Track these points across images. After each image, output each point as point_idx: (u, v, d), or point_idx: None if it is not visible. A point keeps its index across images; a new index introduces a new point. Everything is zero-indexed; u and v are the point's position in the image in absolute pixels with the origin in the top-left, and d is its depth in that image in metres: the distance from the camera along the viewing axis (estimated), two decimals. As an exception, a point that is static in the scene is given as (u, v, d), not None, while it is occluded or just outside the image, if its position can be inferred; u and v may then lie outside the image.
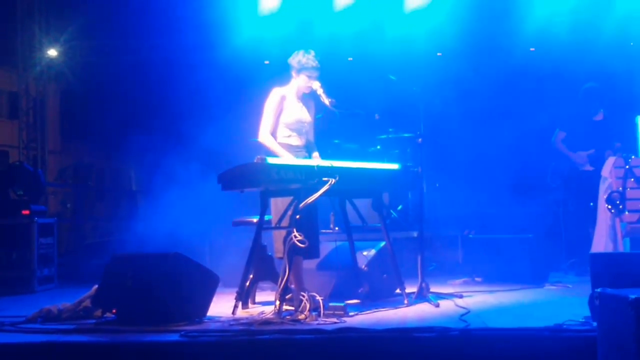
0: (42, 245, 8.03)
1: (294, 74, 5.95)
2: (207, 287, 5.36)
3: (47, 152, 11.64)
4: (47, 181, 10.11)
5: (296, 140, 5.98)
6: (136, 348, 4.38)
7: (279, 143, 5.89)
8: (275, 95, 5.93)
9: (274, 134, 5.92)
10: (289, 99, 5.96)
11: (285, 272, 5.31)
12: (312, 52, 5.95)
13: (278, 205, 5.77)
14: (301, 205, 5.32)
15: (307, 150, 6.09)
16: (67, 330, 4.92)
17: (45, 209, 8.79)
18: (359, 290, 6.10)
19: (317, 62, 5.93)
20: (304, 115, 6.01)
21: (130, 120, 10.21)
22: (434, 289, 6.46)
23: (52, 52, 11.24)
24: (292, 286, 5.60)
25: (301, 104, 6.02)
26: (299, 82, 5.94)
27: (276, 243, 5.91)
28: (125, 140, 9.93)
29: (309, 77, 5.90)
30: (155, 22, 10.53)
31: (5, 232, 7.93)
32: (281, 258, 5.80)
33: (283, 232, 5.64)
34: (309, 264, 6.00)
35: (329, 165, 5.48)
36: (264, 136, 5.87)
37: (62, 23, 11.17)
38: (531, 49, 10.30)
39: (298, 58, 5.94)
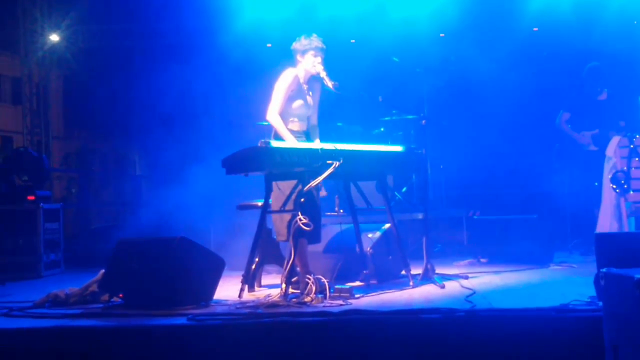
0: (48, 230, 8.06)
1: (299, 57, 5.89)
2: (213, 271, 5.38)
3: (51, 138, 11.65)
4: (51, 166, 10.12)
5: (297, 126, 5.93)
6: (144, 332, 4.41)
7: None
8: (289, 74, 5.85)
9: (282, 113, 5.87)
10: (300, 82, 5.92)
11: (290, 255, 5.33)
12: (314, 35, 5.92)
13: (280, 188, 5.76)
14: (305, 188, 5.32)
15: (307, 135, 6.04)
16: (74, 314, 4.95)
17: (50, 194, 8.82)
18: (365, 272, 6.12)
19: (320, 42, 5.89)
20: (309, 100, 5.98)
21: (132, 105, 10.21)
22: (439, 270, 6.48)
23: (54, 38, 11.23)
24: (298, 269, 5.62)
25: (307, 89, 5.98)
26: (305, 65, 5.89)
27: (276, 226, 5.90)
28: (128, 125, 9.94)
29: (315, 55, 5.85)
30: (156, 6, 10.50)
31: (11, 217, 7.95)
32: (282, 240, 5.81)
33: (282, 215, 5.64)
34: (315, 247, 6.01)
35: (333, 148, 5.48)
36: (272, 115, 5.82)
37: (63, 8, 11.15)
38: (534, 29, 10.25)
39: (301, 42, 5.90)
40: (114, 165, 12.27)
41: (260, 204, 5.95)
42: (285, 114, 5.89)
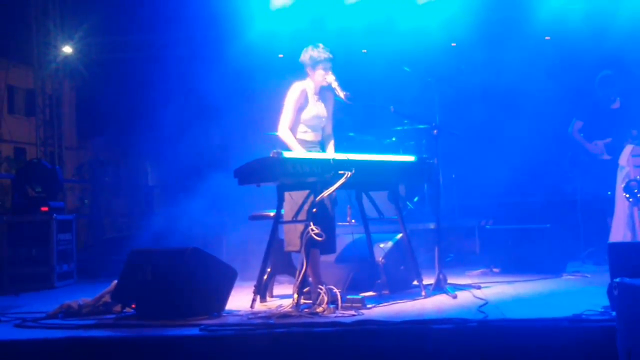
0: (61, 241, 8.10)
1: (309, 70, 5.92)
2: (225, 281, 5.39)
3: (64, 149, 11.71)
4: (64, 177, 10.17)
5: (311, 136, 5.96)
6: (156, 342, 4.41)
7: (295, 138, 5.88)
8: (296, 89, 5.90)
9: (292, 129, 5.90)
10: (309, 94, 5.94)
11: (303, 265, 5.33)
12: (321, 45, 5.93)
13: (292, 198, 5.77)
14: (317, 198, 5.33)
15: (321, 145, 6.07)
16: (87, 325, 4.97)
17: (64, 205, 8.86)
18: (377, 283, 6.11)
19: (328, 52, 5.90)
20: (322, 111, 5.99)
21: (145, 115, 10.26)
22: (452, 280, 6.46)
23: (67, 49, 11.30)
24: (310, 279, 5.62)
25: (319, 100, 5.99)
26: (316, 77, 5.91)
27: (287, 236, 5.91)
28: (140, 136, 9.98)
29: (324, 69, 5.88)
30: (168, 18, 10.55)
31: (24, 228, 8.00)
32: (291, 251, 5.81)
33: (294, 226, 5.65)
34: (327, 257, 6.00)
35: (345, 158, 5.48)
36: (282, 131, 5.86)
37: (76, 20, 11.22)
38: (546, 38, 10.23)
39: (309, 54, 5.91)
40: (127, 176, 12.32)
41: (272, 214, 5.96)
42: (299, 126, 5.92)
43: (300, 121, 5.91)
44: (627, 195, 6.57)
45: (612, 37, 9.30)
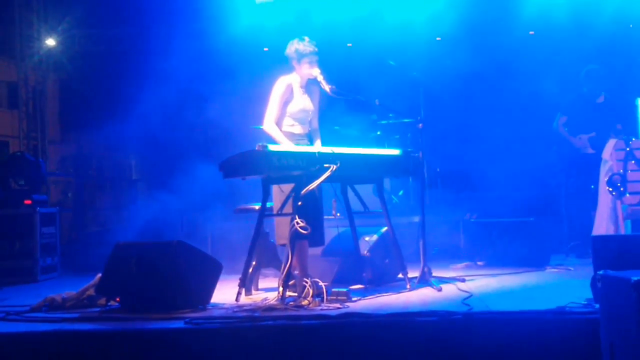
0: (44, 234, 8.05)
1: (294, 64, 5.94)
2: (210, 275, 5.38)
3: (47, 142, 11.62)
4: (48, 171, 10.11)
5: (299, 129, 5.98)
6: (141, 335, 4.40)
7: (282, 132, 5.89)
8: (281, 84, 5.92)
9: (278, 122, 5.91)
10: (294, 88, 5.95)
11: (288, 258, 5.33)
12: (306, 38, 5.94)
13: (282, 191, 5.77)
14: (302, 191, 5.33)
15: (309, 138, 6.10)
16: (71, 318, 4.95)
17: (47, 198, 8.80)
18: (362, 276, 6.12)
19: (314, 45, 5.92)
20: (308, 104, 6.01)
21: (129, 109, 10.20)
22: (436, 273, 6.49)
23: (51, 42, 11.21)
24: (296, 272, 5.62)
25: (305, 93, 6.01)
26: (302, 71, 5.93)
27: (278, 230, 5.91)
28: (124, 129, 9.92)
29: (310, 63, 5.90)
30: (152, 10, 10.50)
31: (7, 222, 7.94)
32: (283, 245, 5.81)
33: (285, 219, 5.65)
34: (313, 251, 6.01)
35: (330, 151, 5.49)
36: (268, 125, 5.88)
37: (60, 12, 11.13)
38: (530, 32, 10.27)
39: (294, 47, 5.92)
40: (110, 169, 12.24)
41: (257, 207, 5.95)
42: (285, 119, 5.93)
43: (287, 114, 5.93)
44: (611, 189, 6.60)
45: (596, 31, 9.35)
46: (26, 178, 8.28)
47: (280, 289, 5.27)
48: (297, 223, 5.24)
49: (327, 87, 5.89)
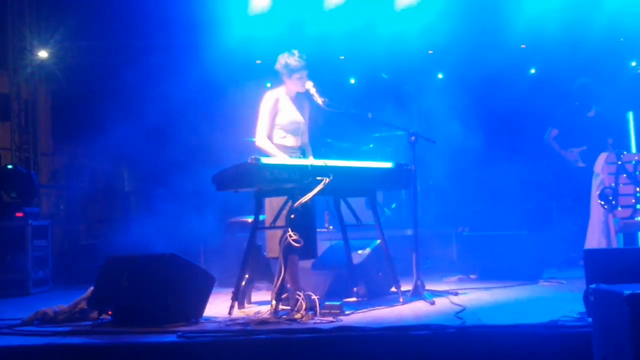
0: (36, 247, 8.01)
1: (285, 79, 5.96)
2: (203, 288, 5.36)
3: (40, 154, 11.59)
4: (40, 183, 10.08)
5: (291, 141, 5.98)
6: (133, 349, 4.38)
7: (275, 144, 5.89)
8: (268, 98, 5.94)
9: (270, 136, 5.92)
10: (282, 100, 5.96)
11: (281, 271, 5.32)
12: (296, 52, 5.95)
13: (273, 204, 5.77)
14: (295, 204, 5.33)
15: (302, 151, 6.09)
16: (63, 332, 4.92)
17: (39, 211, 8.77)
18: (355, 289, 6.12)
19: (303, 60, 5.92)
20: (298, 116, 6.02)
21: (121, 121, 10.19)
22: (429, 286, 6.49)
23: (43, 54, 11.20)
24: (288, 286, 5.61)
25: (295, 106, 6.02)
26: (292, 85, 5.95)
27: (269, 243, 5.90)
28: (117, 141, 9.91)
29: (301, 78, 5.91)
30: (145, 23, 10.51)
31: (-1, 234, 7.91)
32: (273, 257, 5.80)
33: (276, 232, 5.64)
34: (305, 264, 6.01)
35: (323, 164, 5.49)
36: (260, 140, 5.89)
37: (52, 24, 11.12)
38: (522, 46, 10.32)
39: (284, 61, 5.93)
40: (103, 181, 12.21)
41: (250, 220, 5.94)
42: (276, 131, 5.93)
43: (278, 127, 5.93)
44: (602, 203, 6.62)
45: (587, 45, 9.41)
46: (18, 190, 8.25)
47: (273, 302, 5.26)
48: (290, 236, 5.24)
49: (319, 100, 5.90)
